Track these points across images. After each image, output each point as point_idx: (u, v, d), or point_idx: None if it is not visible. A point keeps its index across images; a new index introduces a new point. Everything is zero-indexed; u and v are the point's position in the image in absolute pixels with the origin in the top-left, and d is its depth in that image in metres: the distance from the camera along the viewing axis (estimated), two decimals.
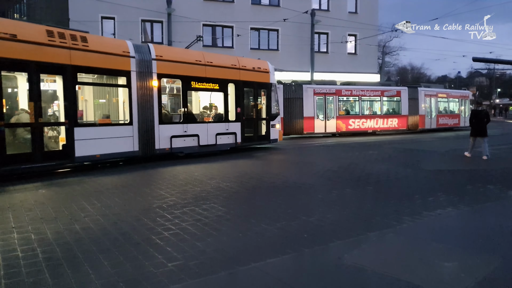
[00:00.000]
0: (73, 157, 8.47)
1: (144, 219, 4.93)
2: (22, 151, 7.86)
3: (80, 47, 8.51)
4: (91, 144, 8.75)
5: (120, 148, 9.39)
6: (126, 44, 9.67)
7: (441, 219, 4.99)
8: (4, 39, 7.30)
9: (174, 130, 10.58)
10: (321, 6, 26.21)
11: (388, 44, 45.94)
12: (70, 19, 19.97)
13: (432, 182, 7.56)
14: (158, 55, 10.13)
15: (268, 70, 13.33)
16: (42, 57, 7.85)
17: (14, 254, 3.73)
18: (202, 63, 11.16)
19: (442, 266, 3.46)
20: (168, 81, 11.10)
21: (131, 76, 9.54)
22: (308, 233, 4.36)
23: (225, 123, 11.92)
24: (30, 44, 7.71)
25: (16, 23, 8.20)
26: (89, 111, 10.02)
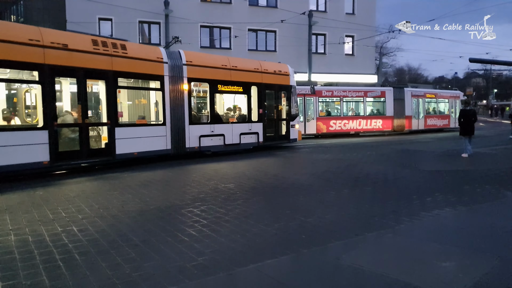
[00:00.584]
0: (114, 154, 9.24)
1: (140, 220, 4.92)
2: (71, 148, 8.63)
3: (120, 54, 9.34)
4: (129, 142, 9.53)
5: (154, 146, 10.15)
6: (160, 50, 10.52)
7: (439, 219, 5.01)
8: (57, 48, 8.18)
9: (202, 130, 11.38)
10: (319, 7, 26.28)
11: (385, 45, 46.15)
12: (68, 21, 19.94)
13: (429, 182, 7.58)
14: (188, 61, 10.95)
15: (288, 73, 14.04)
16: (88, 64, 8.72)
17: (12, 256, 3.71)
18: (227, 67, 12.01)
19: (440, 266, 3.48)
20: (197, 84, 11.71)
21: (164, 80, 10.34)
22: (306, 234, 4.37)
23: (248, 123, 12.69)
24: (79, 52, 8.57)
25: (66, 34, 8.91)
26: (127, 112, 10.79)
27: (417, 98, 23.30)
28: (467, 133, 11.23)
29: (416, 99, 23.24)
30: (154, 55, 10.24)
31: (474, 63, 41.45)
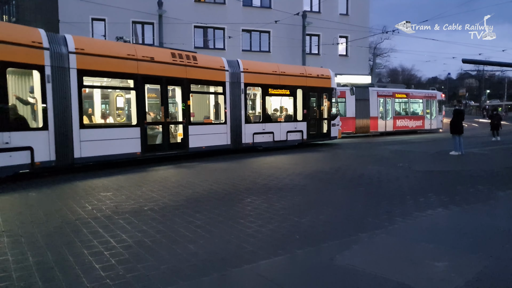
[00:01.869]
0: (188, 148, 11.07)
1: (135, 221, 4.91)
2: (156, 142, 10.46)
3: (192, 64, 11.09)
4: (198, 138, 11.29)
5: (218, 141, 11.90)
6: (223, 60, 12.17)
7: (432, 220, 5.05)
8: (147, 61, 10.02)
9: (255, 128, 13.03)
10: (313, 8, 26.37)
11: (379, 46, 46.45)
12: (60, 21, 19.78)
13: (422, 183, 7.65)
14: (245, 68, 12.58)
15: (329, 76, 15.45)
16: (169, 73, 10.55)
17: (4, 258, 3.68)
18: (277, 73, 13.62)
19: (433, 266, 3.51)
20: (251, 88, 13.28)
21: (226, 86, 12.05)
22: (300, 234, 4.39)
23: (294, 122, 14.24)
24: (162, 63, 10.37)
25: (152, 49, 10.81)
26: (197, 113, 12.32)
27: (384, 98, 22.28)
28: (458, 132, 11.58)
29: (383, 99, 22.28)
30: (218, 64, 11.97)
31: (467, 64, 41.88)
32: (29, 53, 7.93)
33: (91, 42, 10.13)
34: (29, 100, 8.55)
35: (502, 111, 53.58)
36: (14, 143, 7.57)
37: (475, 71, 65.75)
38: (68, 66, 8.54)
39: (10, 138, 7.52)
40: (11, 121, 7.69)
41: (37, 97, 8.22)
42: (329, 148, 14.82)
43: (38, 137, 8.06)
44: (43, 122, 8.15)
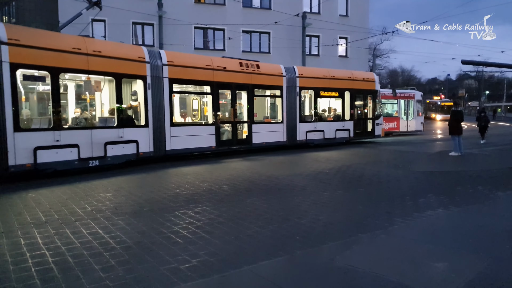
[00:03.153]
0: (251, 143, 12.86)
1: (135, 222, 4.90)
2: (227, 138, 12.28)
3: (256, 71, 12.89)
4: (260, 135, 13.05)
5: (275, 138, 13.60)
6: (281, 67, 13.91)
7: (432, 220, 5.05)
8: (220, 70, 11.88)
9: (308, 127, 14.59)
10: (312, 9, 26.35)
11: (378, 47, 46.42)
12: (60, 22, 19.77)
13: (422, 183, 7.65)
14: (300, 74, 14.28)
15: (374, 79, 17.01)
16: (237, 79, 12.34)
17: (4, 260, 3.67)
18: (327, 77, 15.21)
19: (432, 267, 3.51)
20: (305, 91, 14.72)
21: (283, 89, 13.77)
22: (300, 235, 4.38)
23: (342, 121, 15.78)
24: (232, 72, 12.19)
25: (224, 59, 12.47)
26: (258, 113, 13.93)
27: None
28: (457, 133, 11.60)
29: None
30: (277, 70, 13.70)
31: (466, 64, 41.95)
32: (136, 66, 9.99)
33: (179, 55, 11.52)
34: (133, 103, 10.34)
35: (501, 112, 53.58)
36: (125, 137, 9.62)
37: (475, 72, 65.81)
38: (162, 76, 10.51)
39: (123, 133, 9.57)
40: (124, 120, 9.70)
41: (140, 100, 10.23)
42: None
43: (141, 133, 10.06)
44: (145, 121, 10.16)
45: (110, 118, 9.63)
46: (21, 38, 7.85)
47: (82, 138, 8.77)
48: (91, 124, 9.43)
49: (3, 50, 7.53)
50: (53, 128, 8.30)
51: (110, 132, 9.37)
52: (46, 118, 8.75)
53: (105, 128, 9.39)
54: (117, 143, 9.37)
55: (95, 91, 9.78)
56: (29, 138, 7.93)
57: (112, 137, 9.33)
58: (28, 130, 8.18)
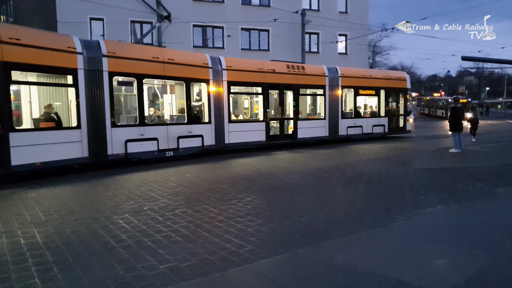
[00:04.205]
0: (297, 138, 14.07)
1: (135, 221, 4.90)
2: (275, 133, 13.62)
3: (301, 72, 14.15)
4: (304, 130, 14.30)
5: (318, 133, 14.81)
6: (323, 67, 15.12)
7: (432, 217, 5.05)
8: (270, 72, 13.20)
9: (348, 123, 15.79)
10: (312, 6, 26.25)
11: (378, 44, 46.34)
12: (58, 21, 19.71)
13: (422, 180, 7.65)
14: (342, 74, 15.41)
15: (405, 78, 18.22)
16: (284, 80, 13.62)
17: (4, 259, 3.67)
18: (365, 76, 16.54)
19: (433, 263, 3.51)
20: (345, 89, 15.83)
21: (326, 88, 14.96)
22: (300, 233, 4.38)
23: (378, 118, 17.00)
24: (280, 74, 13.49)
25: (273, 63, 13.77)
26: (303, 110, 15.31)
27: None
28: (457, 129, 11.59)
29: None
30: (320, 71, 14.91)
31: (467, 61, 41.85)
32: (201, 71, 11.42)
33: (235, 60, 12.97)
34: (199, 103, 11.96)
35: (502, 109, 53.41)
36: (193, 132, 11.20)
37: (475, 68, 65.63)
38: (222, 79, 11.88)
39: (192, 129, 11.15)
40: (192, 118, 11.33)
41: (204, 101, 11.69)
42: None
43: (205, 128, 11.56)
44: (208, 118, 11.65)
45: (182, 116, 11.27)
46: (116, 51, 9.53)
47: (160, 133, 10.43)
48: (165, 121, 11.21)
49: (104, 62, 9.24)
50: (139, 124, 10.00)
51: (182, 128, 11.03)
52: (133, 116, 10.30)
53: (178, 125, 11.05)
54: (187, 137, 11.05)
55: (169, 93, 11.73)
56: (121, 133, 9.60)
57: (183, 132, 11.00)
58: (121, 126, 9.73)
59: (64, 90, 9.10)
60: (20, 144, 7.65)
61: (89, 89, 8.94)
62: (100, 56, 9.12)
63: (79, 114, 8.79)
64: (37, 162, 7.94)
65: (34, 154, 7.88)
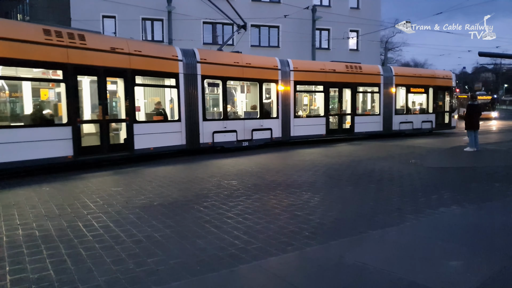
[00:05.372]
0: (353, 132, 15.53)
1: (145, 216, 4.95)
2: (334, 128, 15.11)
3: (359, 72, 15.56)
4: (361, 125, 15.66)
5: (374, 128, 16.29)
6: (379, 67, 16.78)
7: (445, 217, 4.95)
8: (331, 72, 14.74)
9: (401, 118, 17.08)
10: (322, 2, 26.03)
11: (390, 40, 45.69)
12: (72, 19, 19.97)
13: (435, 179, 7.52)
14: (396, 73, 16.94)
15: (451, 77, 19.42)
16: (343, 79, 15.02)
17: (19, 251, 3.75)
18: (416, 75, 18.04)
19: (447, 265, 3.43)
20: (399, 88, 17.11)
21: (381, 86, 16.35)
22: (309, 231, 4.36)
23: (426, 114, 18.15)
24: (340, 73, 14.97)
25: (333, 64, 15.34)
26: (360, 107, 16.76)
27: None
28: (473, 128, 11.29)
29: None
30: (376, 70, 16.37)
31: (483, 57, 40.89)
32: (272, 73, 13.18)
33: (301, 62, 14.50)
34: (268, 100, 13.58)
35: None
36: (264, 126, 12.96)
37: (492, 64, 64.08)
38: (289, 79, 13.51)
39: (263, 123, 12.93)
40: (263, 113, 13.06)
41: (273, 98, 13.40)
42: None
43: (274, 122, 13.28)
44: (276, 114, 13.35)
45: (255, 112, 13.00)
46: (206, 58, 11.45)
47: (238, 126, 12.27)
48: (242, 116, 12.90)
49: (198, 67, 11.12)
50: (223, 118, 11.92)
51: (255, 122, 12.80)
52: (218, 112, 12.25)
53: (252, 119, 12.76)
54: (259, 130, 12.78)
55: (246, 92, 13.47)
56: (210, 125, 11.52)
57: (256, 125, 12.76)
58: (209, 120, 11.61)
59: (168, 90, 11.17)
60: (140, 133, 9.75)
61: (186, 90, 10.87)
62: (195, 62, 11.05)
63: (180, 110, 10.78)
64: (151, 147, 10.03)
65: (149, 141, 9.94)
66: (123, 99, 9.57)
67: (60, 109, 8.70)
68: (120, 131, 9.74)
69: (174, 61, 10.58)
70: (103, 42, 9.31)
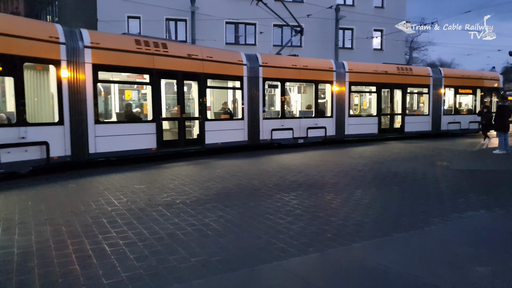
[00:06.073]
0: (404, 131, 16.14)
1: (167, 213, 5.02)
2: (387, 127, 15.85)
3: (409, 73, 16.32)
4: (411, 125, 16.31)
5: (423, 128, 16.84)
6: (429, 69, 17.36)
7: (472, 222, 4.78)
8: (383, 74, 15.46)
9: (449, 119, 17.61)
10: (346, 1, 25.66)
11: (416, 39, 44.45)
12: (98, 19, 20.54)
13: (462, 182, 7.27)
14: (445, 74, 17.40)
15: (498, 78, 19.93)
16: (395, 80, 15.74)
17: (47, 245, 3.88)
18: (464, 76, 18.33)
19: (474, 271, 3.31)
20: (447, 89, 17.75)
21: (430, 87, 16.89)
22: (331, 233, 4.30)
23: (473, 115, 17.98)
24: (391, 74, 15.65)
25: (384, 65, 15.99)
26: (410, 107, 17.53)
27: None
28: (503, 129, 10.84)
29: None
30: (426, 72, 17.10)
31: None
32: (327, 74, 13.95)
33: (356, 64, 15.14)
34: (323, 100, 14.32)
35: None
36: (319, 124, 13.68)
37: None
38: (345, 80, 14.28)
39: (317, 121, 13.75)
40: (318, 112, 13.76)
41: (328, 98, 14.19)
42: None
43: (328, 121, 14.04)
44: (330, 113, 14.12)
45: (310, 111, 13.79)
46: (267, 62, 12.46)
47: (294, 124, 13.15)
48: (298, 115, 13.74)
49: (260, 70, 12.20)
50: (280, 117, 12.89)
51: (310, 120, 13.59)
52: (276, 111, 13.31)
53: (307, 118, 13.57)
54: (314, 128, 13.55)
55: (302, 93, 14.47)
56: (269, 123, 12.51)
57: (311, 124, 13.54)
58: (268, 119, 12.61)
59: (233, 92, 12.42)
60: (210, 129, 10.95)
61: (249, 91, 11.94)
62: (257, 66, 12.10)
63: (243, 109, 11.89)
64: (219, 142, 11.23)
65: (217, 136, 11.14)
66: (196, 100, 10.86)
67: (146, 108, 10.35)
68: (193, 127, 10.97)
69: (240, 65, 11.74)
70: (181, 49, 10.62)
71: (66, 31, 8.28)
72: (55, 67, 8.03)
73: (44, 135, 7.82)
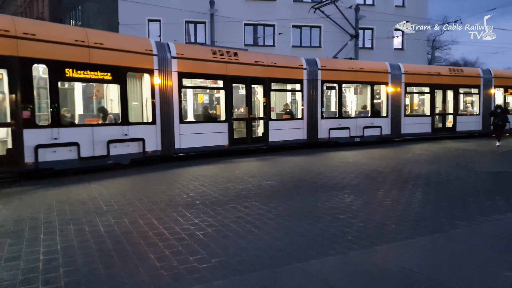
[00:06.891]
0: (455, 131, 16.56)
1: (188, 214, 5.06)
2: (438, 126, 16.23)
3: (460, 74, 16.56)
4: (462, 124, 16.73)
5: (473, 127, 17.20)
6: (479, 70, 17.69)
7: (499, 225, 4.61)
8: (435, 75, 15.95)
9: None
10: (366, 1, 25.30)
11: (438, 38, 43.31)
12: (119, 23, 21.02)
13: (488, 185, 7.02)
14: (495, 75, 17.52)
15: None
16: (447, 81, 16.13)
17: (71, 244, 3.99)
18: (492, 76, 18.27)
19: (502, 276, 3.19)
20: (497, 89, 17.78)
21: (480, 88, 17.11)
22: (352, 235, 4.23)
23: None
24: (444, 76, 16.13)
25: (438, 67, 17.03)
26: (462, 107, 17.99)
27: None
28: None
29: None
30: (476, 73, 17.38)
31: None
32: (383, 76, 14.63)
33: (412, 66, 16.02)
34: (378, 101, 15.04)
35: None
36: (374, 124, 14.39)
37: None
38: (400, 81, 14.91)
39: (374, 121, 14.39)
40: (373, 112, 14.47)
41: (383, 99, 14.87)
42: None
43: (384, 121, 14.64)
44: (386, 113, 14.74)
45: (366, 111, 14.56)
46: (326, 65, 13.24)
47: (351, 123, 13.87)
48: (354, 115, 14.50)
49: (319, 73, 13.01)
50: (338, 117, 13.66)
51: (366, 120, 14.29)
52: (333, 111, 14.05)
53: (363, 118, 14.29)
54: (370, 127, 14.23)
55: (358, 94, 15.12)
56: (326, 123, 13.21)
57: (367, 123, 14.24)
58: (326, 118, 13.32)
59: (294, 94, 13.49)
60: (273, 128, 11.99)
61: (308, 93, 12.80)
62: (316, 69, 12.89)
63: (303, 110, 12.79)
64: (281, 140, 12.24)
65: (279, 135, 12.15)
66: (261, 101, 11.93)
67: (219, 110, 11.70)
68: (258, 127, 12.05)
69: (300, 69, 12.66)
70: (249, 57, 11.69)
71: (158, 44, 9.71)
72: (149, 75, 9.46)
73: (141, 132, 9.31)
